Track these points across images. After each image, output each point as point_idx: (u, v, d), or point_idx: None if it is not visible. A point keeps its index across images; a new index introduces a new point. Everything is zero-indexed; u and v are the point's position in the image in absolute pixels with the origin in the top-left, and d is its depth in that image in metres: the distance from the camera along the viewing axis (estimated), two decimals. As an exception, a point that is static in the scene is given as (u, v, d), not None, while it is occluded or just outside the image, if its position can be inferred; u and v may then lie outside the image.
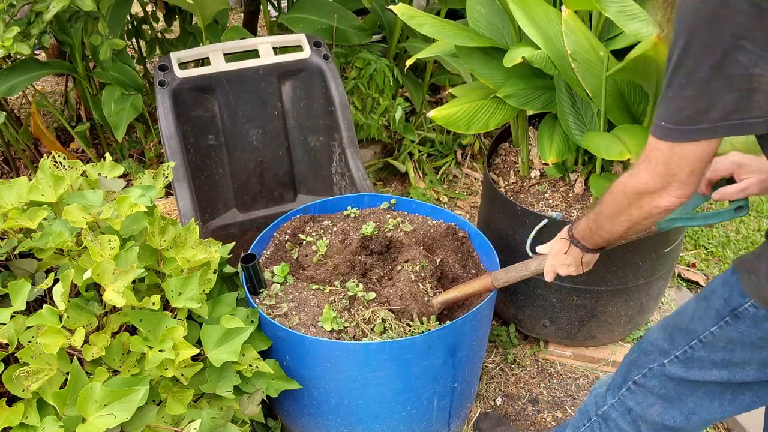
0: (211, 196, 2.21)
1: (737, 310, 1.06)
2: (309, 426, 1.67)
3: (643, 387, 1.26)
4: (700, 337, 1.13)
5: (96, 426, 1.09)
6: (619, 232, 1.16)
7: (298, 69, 2.18)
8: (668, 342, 1.20)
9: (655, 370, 1.23)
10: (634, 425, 1.30)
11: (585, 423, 1.42)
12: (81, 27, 2.22)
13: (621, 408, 1.32)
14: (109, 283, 1.22)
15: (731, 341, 1.09)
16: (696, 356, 1.15)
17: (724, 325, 1.09)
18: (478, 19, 1.87)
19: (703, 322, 1.12)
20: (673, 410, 1.23)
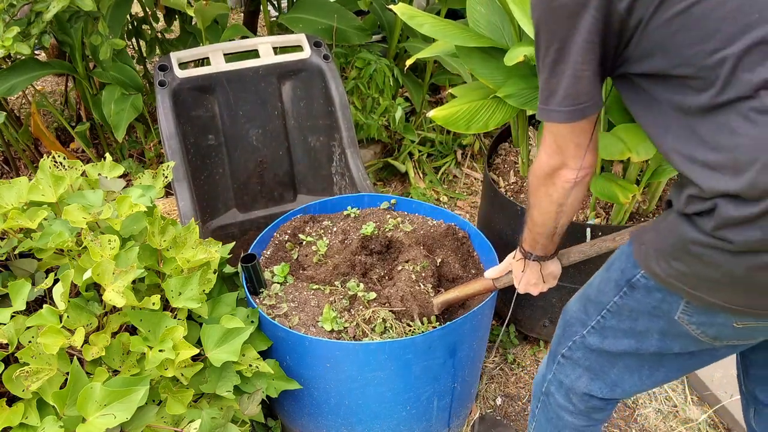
0: (211, 196, 2.21)
1: (631, 281, 1.11)
2: (309, 426, 1.67)
3: (570, 359, 1.31)
4: (607, 307, 1.18)
5: (96, 426, 1.09)
6: (552, 220, 1.20)
7: (298, 69, 2.18)
8: (584, 313, 1.25)
9: (578, 341, 1.27)
10: (566, 398, 1.35)
11: (537, 404, 1.46)
12: (81, 27, 2.22)
13: (556, 382, 1.36)
14: (109, 283, 1.22)
15: (632, 310, 1.13)
16: (608, 325, 1.19)
17: (623, 295, 1.13)
18: (478, 18, 1.87)
19: (607, 293, 1.17)
20: (599, 382, 1.28)
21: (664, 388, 2.05)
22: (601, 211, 1.90)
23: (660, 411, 1.98)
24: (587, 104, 1.00)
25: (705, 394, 1.99)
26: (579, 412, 1.35)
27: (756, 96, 0.83)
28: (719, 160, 0.87)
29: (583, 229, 1.75)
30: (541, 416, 1.45)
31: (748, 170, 0.84)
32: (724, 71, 0.85)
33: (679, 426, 1.93)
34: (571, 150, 1.07)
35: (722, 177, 0.87)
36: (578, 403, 1.33)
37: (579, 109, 1.00)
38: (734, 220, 0.87)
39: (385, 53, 2.86)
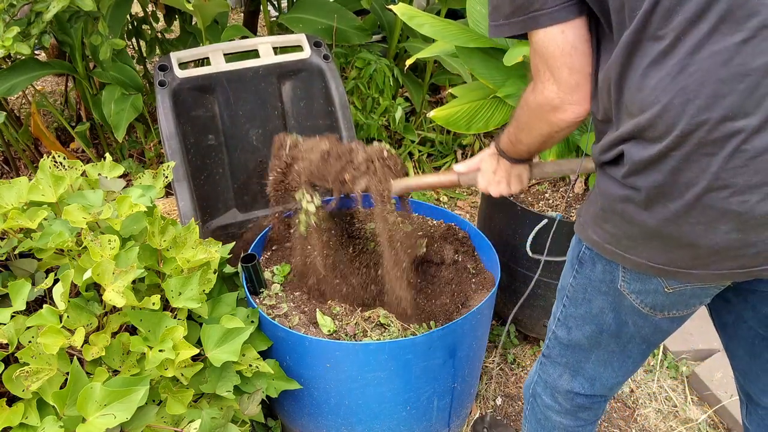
0: (211, 196, 2.21)
1: (579, 255, 1.12)
2: (309, 426, 1.67)
3: (550, 358, 1.32)
4: (566, 293, 1.19)
5: (96, 426, 1.09)
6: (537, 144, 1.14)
7: (298, 69, 2.18)
8: (555, 306, 1.26)
9: (551, 338, 1.28)
10: (552, 397, 1.36)
11: (527, 407, 1.47)
12: (81, 27, 2.22)
13: (541, 382, 1.37)
14: (109, 283, 1.22)
15: (585, 290, 1.14)
16: (569, 314, 1.20)
17: (576, 274, 1.14)
18: (478, 19, 1.87)
19: (566, 277, 1.19)
20: (579, 378, 1.28)
21: (664, 387, 2.05)
22: (601, 211, 1.90)
23: (660, 411, 1.98)
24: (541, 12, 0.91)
25: (705, 394, 1.99)
26: (566, 411, 1.35)
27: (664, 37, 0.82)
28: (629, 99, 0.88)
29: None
30: (531, 418, 1.45)
31: (650, 109, 0.85)
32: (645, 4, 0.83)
33: (679, 426, 1.93)
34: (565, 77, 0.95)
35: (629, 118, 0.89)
36: (564, 402, 1.34)
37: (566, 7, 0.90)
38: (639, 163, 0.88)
39: (385, 53, 2.86)
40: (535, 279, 1.57)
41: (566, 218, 1.89)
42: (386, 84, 2.70)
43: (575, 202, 1.95)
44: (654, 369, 2.12)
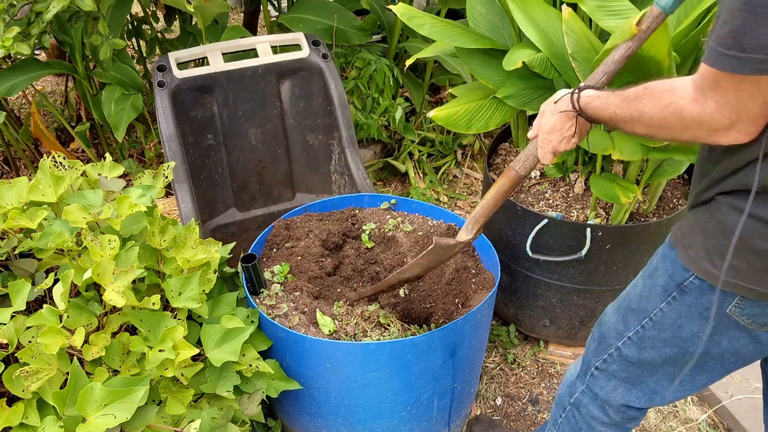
0: (210, 196, 2.21)
1: (682, 284, 1.07)
2: (309, 426, 1.67)
3: (605, 372, 1.28)
4: (650, 315, 1.15)
5: (96, 426, 1.09)
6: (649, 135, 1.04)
7: (297, 68, 2.18)
8: (622, 324, 1.22)
9: (614, 354, 1.25)
10: (602, 410, 1.33)
11: (561, 413, 1.44)
12: (81, 27, 2.22)
13: (590, 394, 1.34)
14: (109, 283, 1.22)
15: (680, 315, 1.10)
16: (647, 335, 1.16)
17: (671, 301, 1.10)
18: (478, 19, 1.87)
19: (652, 300, 1.14)
20: (636, 391, 1.26)
21: (664, 388, 2.05)
22: (601, 211, 1.90)
23: (660, 411, 1.98)
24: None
25: (705, 394, 2.00)
26: (614, 424, 1.33)
27: None
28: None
29: (584, 229, 1.75)
30: (565, 426, 1.42)
31: None
32: None
33: (679, 426, 1.93)
34: (755, 109, 0.85)
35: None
36: (614, 415, 1.31)
37: None
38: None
39: (385, 53, 2.86)
40: (535, 279, 1.55)
41: (566, 218, 1.89)
42: (386, 84, 2.70)
43: (575, 202, 1.95)
44: (654, 369, 2.12)
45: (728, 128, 0.88)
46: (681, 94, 0.91)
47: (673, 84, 0.94)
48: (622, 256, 1.82)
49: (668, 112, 0.94)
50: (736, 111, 0.85)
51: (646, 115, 0.98)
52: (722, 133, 0.89)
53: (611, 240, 1.76)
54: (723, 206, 0.95)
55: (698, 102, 0.89)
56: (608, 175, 1.79)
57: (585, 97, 1.12)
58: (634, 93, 1.01)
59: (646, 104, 0.98)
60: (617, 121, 1.07)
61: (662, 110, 0.95)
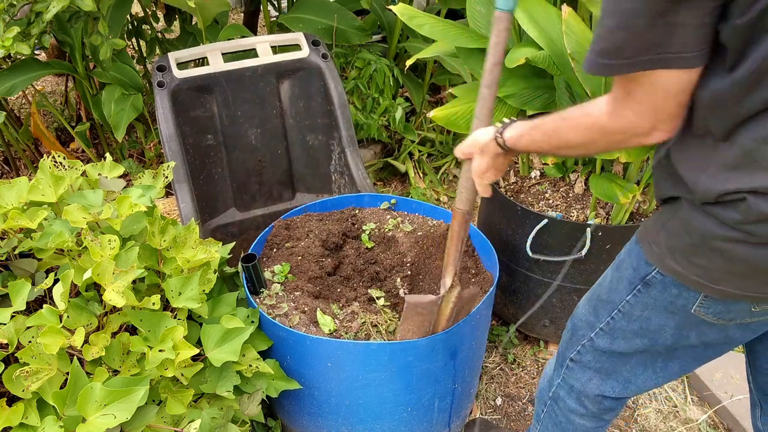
0: (210, 196, 2.21)
1: (646, 278, 1.09)
2: (309, 426, 1.67)
3: (579, 363, 1.30)
4: (618, 307, 1.17)
5: (96, 426, 1.09)
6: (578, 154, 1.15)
7: (297, 68, 2.18)
8: (593, 315, 1.24)
9: (587, 345, 1.26)
10: (578, 401, 1.34)
11: (543, 409, 1.45)
12: (81, 27, 2.22)
13: (566, 386, 1.35)
14: (109, 283, 1.22)
15: (646, 307, 1.12)
16: (618, 327, 1.18)
17: (637, 293, 1.12)
18: (478, 19, 1.87)
19: (619, 292, 1.16)
20: (611, 381, 1.27)
21: (664, 388, 2.05)
22: (601, 211, 1.90)
23: (660, 411, 1.98)
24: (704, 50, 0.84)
25: (705, 395, 1.99)
26: (591, 415, 1.34)
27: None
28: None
29: (583, 229, 1.75)
30: (547, 421, 1.44)
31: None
32: None
33: (680, 426, 1.93)
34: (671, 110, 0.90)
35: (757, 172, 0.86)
36: (590, 406, 1.32)
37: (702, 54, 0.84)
38: (765, 215, 0.86)
39: (385, 53, 2.86)
40: (536, 279, 1.56)
41: (566, 218, 1.89)
42: (386, 84, 2.70)
43: (575, 202, 1.95)
44: (654, 369, 2.12)
45: (650, 131, 0.93)
46: (596, 114, 0.97)
47: (585, 108, 1.00)
48: (622, 256, 1.82)
49: (591, 132, 0.99)
50: (653, 112, 0.91)
51: (571, 141, 1.04)
52: (645, 137, 0.94)
53: (611, 240, 1.76)
54: (700, 213, 0.96)
55: (616, 114, 0.94)
56: (608, 175, 1.79)
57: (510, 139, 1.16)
58: (552, 125, 1.06)
59: (567, 133, 1.03)
60: (547, 151, 1.15)
61: (585, 133, 1.01)
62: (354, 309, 1.59)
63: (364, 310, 1.60)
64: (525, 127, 1.12)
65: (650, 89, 0.89)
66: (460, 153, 1.28)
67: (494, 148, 1.19)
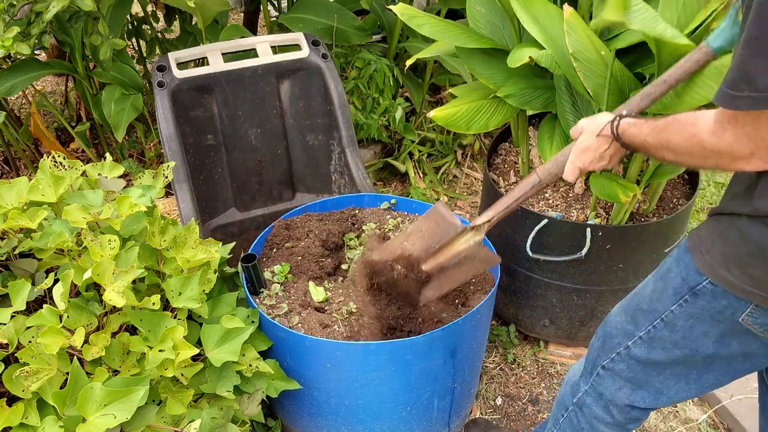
0: (210, 196, 2.21)
1: (695, 288, 1.08)
2: (309, 426, 1.67)
3: (612, 371, 1.29)
4: (662, 316, 1.16)
5: (96, 426, 1.09)
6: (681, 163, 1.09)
7: (297, 68, 2.18)
8: (631, 324, 1.22)
9: (622, 354, 1.25)
10: (606, 410, 1.33)
11: (563, 413, 1.44)
12: (81, 27, 2.22)
13: (594, 394, 1.34)
14: (109, 283, 1.22)
15: (691, 317, 1.11)
16: (658, 336, 1.17)
17: (683, 303, 1.11)
18: (478, 19, 1.87)
19: (663, 302, 1.15)
20: (642, 392, 1.26)
21: (664, 388, 2.05)
22: (601, 211, 1.90)
23: (660, 411, 1.98)
24: None
25: (705, 394, 2.00)
26: (617, 424, 1.33)
27: None
28: None
29: (583, 229, 1.75)
30: (566, 426, 1.42)
31: None
32: None
33: (680, 426, 1.93)
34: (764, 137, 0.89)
35: None
36: (618, 415, 1.31)
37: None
38: None
39: (385, 53, 2.86)
40: (535, 279, 1.54)
41: (566, 218, 1.89)
42: (386, 84, 2.70)
43: (575, 202, 1.95)
44: (654, 369, 2.12)
45: (749, 157, 0.92)
46: (701, 126, 0.97)
47: (695, 117, 0.99)
48: (622, 256, 1.82)
49: (691, 143, 0.99)
50: (755, 141, 0.89)
51: (672, 144, 1.04)
52: (743, 162, 0.93)
53: (611, 240, 1.76)
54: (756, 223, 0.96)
55: (716, 134, 0.93)
56: (608, 175, 1.79)
57: (623, 123, 1.18)
58: (663, 123, 1.07)
59: (672, 134, 1.04)
60: (648, 147, 1.12)
61: (686, 141, 1.01)
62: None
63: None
64: (639, 119, 1.15)
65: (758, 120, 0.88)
66: (575, 130, 1.29)
67: (606, 130, 1.20)
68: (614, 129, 1.19)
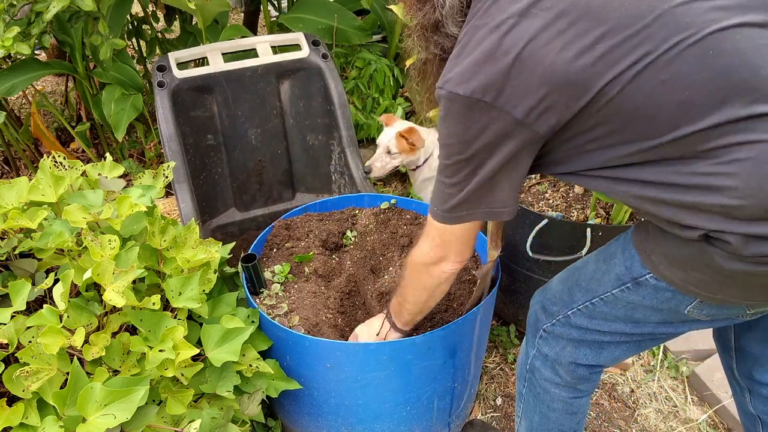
0: (210, 196, 2.21)
1: (638, 279, 1.10)
2: (309, 426, 1.67)
3: (552, 334, 1.31)
4: (600, 296, 1.18)
5: (96, 426, 1.09)
6: (422, 302, 1.33)
7: (297, 68, 2.18)
8: (568, 296, 1.25)
9: (562, 320, 1.28)
10: (553, 370, 1.35)
11: (523, 384, 1.46)
12: (81, 27, 2.23)
13: (540, 357, 1.36)
14: (109, 283, 1.22)
15: (632, 303, 1.13)
16: (598, 310, 1.20)
17: (625, 290, 1.13)
18: (478, 18, 1.87)
19: (603, 284, 1.17)
20: (584, 348, 1.28)
21: (665, 388, 2.05)
22: (601, 211, 1.90)
23: (660, 411, 1.98)
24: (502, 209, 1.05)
25: (705, 394, 1.99)
26: (566, 384, 1.35)
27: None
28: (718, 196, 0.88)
29: (584, 230, 1.75)
30: (528, 395, 1.45)
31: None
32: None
33: (680, 426, 1.93)
34: (455, 247, 1.15)
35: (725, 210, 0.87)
36: (564, 375, 1.34)
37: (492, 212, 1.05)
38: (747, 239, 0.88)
39: (385, 53, 2.87)
40: (536, 280, 1.55)
41: (566, 218, 1.89)
42: (386, 84, 2.71)
43: (575, 202, 1.95)
44: (654, 369, 2.12)
45: (441, 260, 1.19)
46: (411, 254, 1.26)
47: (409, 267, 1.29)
48: (622, 256, 1.82)
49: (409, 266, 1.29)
50: (443, 249, 1.16)
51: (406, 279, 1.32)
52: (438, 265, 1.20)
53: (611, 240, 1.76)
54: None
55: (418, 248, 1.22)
56: (608, 175, 1.79)
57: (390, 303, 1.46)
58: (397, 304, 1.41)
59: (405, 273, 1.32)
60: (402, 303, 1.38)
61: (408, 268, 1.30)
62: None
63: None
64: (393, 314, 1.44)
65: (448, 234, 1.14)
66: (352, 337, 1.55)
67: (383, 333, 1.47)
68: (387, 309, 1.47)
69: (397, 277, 1.68)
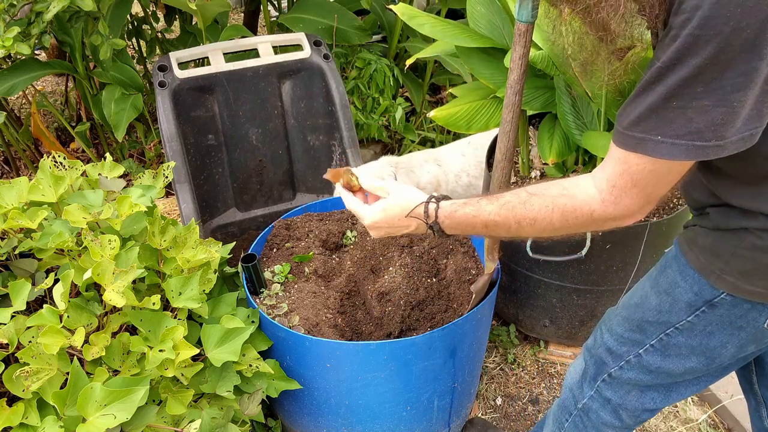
0: (210, 196, 2.21)
1: (713, 300, 1.04)
2: (309, 426, 1.67)
3: (619, 379, 1.25)
4: (676, 326, 1.11)
5: (96, 426, 1.09)
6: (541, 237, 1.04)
7: (298, 68, 2.18)
8: (639, 333, 1.17)
9: (632, 360, 1.20)
10: (614, 414, 1.30)
11: (567, 418, 1.42)
12: (81, 27, 2.22)
13: (600, 399, 1.31)
14: (109, 283, 1.22)
15: (710, 324, 1.07)
16: (673, 342, 1.12)
17: (701, 314, 1.07)
18: (479, 19, 1.87)
19: (676, 314, 1.10)
20: (652, 393, 1.23)
21: (665, 388, 2.05)
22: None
23: (660, 411, 1.98)
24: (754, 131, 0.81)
25: (705, 394, 1.99)
26: (626, 427, 1.31)
27: None
28: None
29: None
30: (571, 428, 1.40)
31: None
32: None
33: (680, 426, 1.93)
34: (660, 193, 0.89)
35: None
36: (627, 419, 1.29)
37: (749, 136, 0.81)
38: None
39: (385, 53, 2.87)
40: (536, 279, 1.55)
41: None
42: (386, 84, 2.71)
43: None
44: (654, 369, 2.12)
45: (636, 214, 0.91)
46: (584, 198, 0.92)
47: (567, 189, 0.94)
48: (622, 256, 1.82)
49: (573, 216, 0.94)
50: (648, 197, 0.89)
51: (539, 221, 0.97)
52: (628, 219, 0.92)
53: (611, 240, 1.76)
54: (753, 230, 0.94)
55: (609, 202, 0.91)
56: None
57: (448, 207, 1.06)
58: (516, 199, 0.99)
59: (538, 210, 0.97)
60: (494, 227, 1.04)
61: (561, 215, 0.95)
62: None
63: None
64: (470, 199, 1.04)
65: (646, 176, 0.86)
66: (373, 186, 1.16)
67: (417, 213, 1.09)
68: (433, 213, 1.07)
69: (396, 276, 1.68)
